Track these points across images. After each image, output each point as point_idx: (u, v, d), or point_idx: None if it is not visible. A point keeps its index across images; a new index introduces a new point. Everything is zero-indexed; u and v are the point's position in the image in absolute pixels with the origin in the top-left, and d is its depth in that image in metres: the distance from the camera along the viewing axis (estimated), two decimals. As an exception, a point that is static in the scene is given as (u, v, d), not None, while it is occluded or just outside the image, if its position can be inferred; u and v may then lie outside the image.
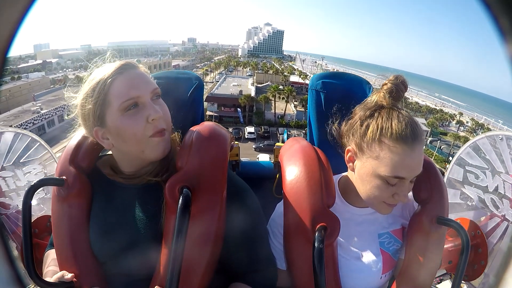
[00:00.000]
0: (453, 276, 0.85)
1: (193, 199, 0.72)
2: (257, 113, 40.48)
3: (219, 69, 76.32)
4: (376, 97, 0.85)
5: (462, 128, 44.37)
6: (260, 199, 0.91)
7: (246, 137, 33.65)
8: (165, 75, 1.11)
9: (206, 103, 37.92)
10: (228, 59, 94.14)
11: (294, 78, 58.82)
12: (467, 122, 46.85)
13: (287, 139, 1.09)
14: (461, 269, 0.81)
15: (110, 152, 0.89)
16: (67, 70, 65.95)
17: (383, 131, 0.78)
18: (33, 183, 0.81)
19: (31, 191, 0.81)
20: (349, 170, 0.90)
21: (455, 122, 46.60)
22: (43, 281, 0.78)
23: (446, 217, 0.88)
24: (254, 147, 31.06)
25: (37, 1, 0.50)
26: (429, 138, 39.04)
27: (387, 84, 0.84)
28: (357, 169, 0.86)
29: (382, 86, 0.85)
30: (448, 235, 1.25)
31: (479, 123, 45.18)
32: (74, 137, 0.93)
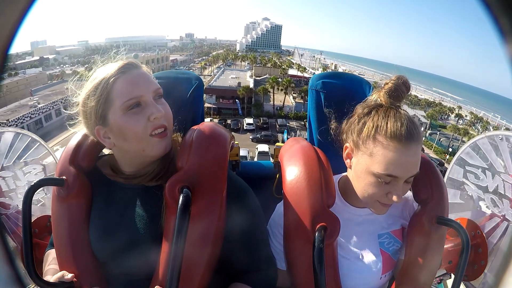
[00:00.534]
0: (453, 276, 0.85)
1: (193, 199, 0.72)
2: (256, 104, 40.39)
3: (217, 63, 75.40)
4: (376, 96, 0.86)
5: (461, 121, 44.16)
6: (260, 199, 0.91)
7: (245, 128, 33.81)
8: (165, 75, 1.11)
9: (204, 95, 37.57)
10: (226, 52, 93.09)
11: (292, 71, 58.38)
12: (466, 116, 46.65)
13: (287, 139, 1.09)
14: (461, 269, 0.81)
15: (109, 151, 0.89)
16: (64, 66, 65.19)
17: (378, 128, 0.78)
18: (33, 183, 0.81)
19: (31, 191, 0.81)
20: (348, 169, 0.90)
21: (454, 115, 46.40)
22: (43, 281, 0.78)
23: (446, 217, 0.88)
24: (251, 137, 31.08)
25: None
26: (428, 131, 39.27)
27: (389, 83, 0.84)
28: (353, 166, 0.86)
29: (383, 85, 0.86)
30: (448, 235, 1.25)
31: (478, 116, 44.94)
32: (74, 137, 0.93)
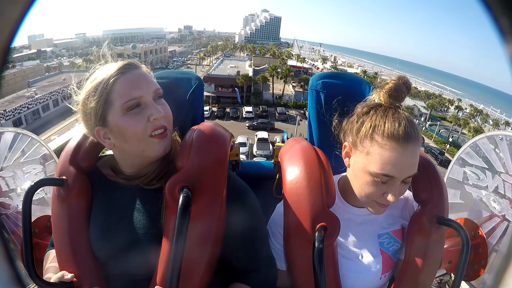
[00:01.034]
0: (453, 276, 0.85)
1: (193, 199, 0.72)
2: (255, 93, 40.36)
3: (216, 54, 74.42)
4: (376, 95, 0.86)
5: (460, 113, 44.14)
6: (260, 199, 0.91)
7: (244, 117, 34.00)
8: (165, 75, 1.11)
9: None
10: (225, 43, 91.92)
11: (292, 62, 57.99)
12: (466, 108, 46.53)
13: (287, 139, 1.09)
14: (461, 269, 0.81)
15: (110, 152, 0.89)
16: (62, 58, 64.59)
17: (376, 128, 0.78)
18: (33, 183, 0.81)
19: (31, 191, 0.81)
20: (347, 168, 0.90)
21: (453, 107, 46.26)
22: (43, 281, 0.78)
23: (446, 217, 0.88)
24: (247, 125, 31.17)
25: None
26: (428, 122, 39.79)
27: (389, 83, 0.84)
28: (351, 165, 0.86)
29: (384, 85, 0.85)
30: (448, 235, 1.25)
31: (478, 109, 44.76)
32: (74, 137, 0.93)
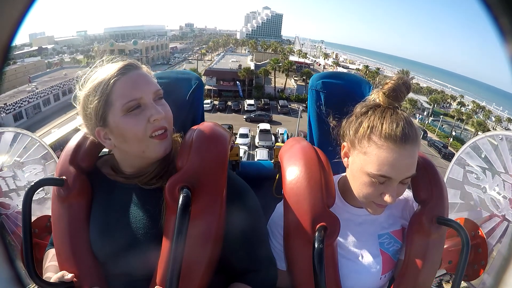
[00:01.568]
0: (453, 276, 0.85)
1: (193, 199, 0.72)
2: (257, 87, 40.34)
3: (217, 51, 73.78)
4: (375, 95, 0.85)
5: (463, 109, 44.34)
6: (260, 199, 0.91)
7: (245, 109, 34.19)
8: (165, 75, 1.11)
9: (204, 77, 37.53)
10: (227, 38, 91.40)
11: (293, 58, 57.73)
12: (468, 105, 46.67)
13: (288, 139, 1.09)
14: (461, 269, 0.81)
15: (108, 150, 0.89)
16: (63, 55, 64.39)
17: (373, 129, 0.78)
18: (33, 183, 0.81)
19: (31, 191, 0.81)
20: (346, 169, 0.90)
21: (455, 103, 46.36)
22: (43, 281, 0.78)
23: (446, 217, 0.88)
24: (245, 117, 31.26)
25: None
26: (430, 118, 40.70)
27: (388, 83, 0.83)
28: (349, 165, 0.86)
29: (383, 85, 0.85)
30: (448, 235, 1.25)
31: (480, 105, 44.87)
32: (74, 137, 0.93)
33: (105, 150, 0.94)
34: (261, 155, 20.14)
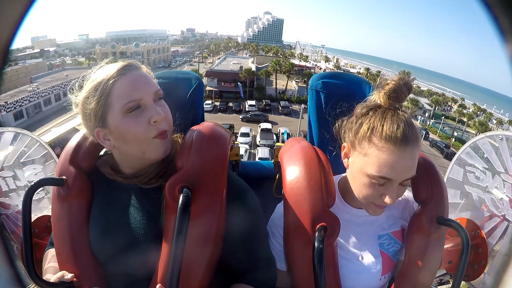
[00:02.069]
0: (453, 276, 0.85)
1: (193, 199, 0.72)
2: (258, 88, 40.63)
3: (219, 55, 73.66)
4: (376, 96, 0.85)
5: (465, 111, 44.77)
6: (260, 199, 0.91)
7: (247, 110, 34.56)
8: (165, 75, 1.11)
9: (205, 78, 37.77)
10: (228, 41, 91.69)
11: (294, 61, 58.10)
12: (469, 107, 47.00)
13: (288, 139, 1.09)
14: (461, 269, 0.81)
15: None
16: (65, 57, 64.53)
17: (374, 130, 0.78)
18: (33, 183, 0.81)
19: (31, 191, 0.81)
20: (346, 169, 0.90)
21: (456, 106, 46.69)
22: (43, 281, 0.78)
23: (446, 217, 0.88)
24: (241, 117, 31.43)
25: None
26: (432, 120, 41.70)
27: (389, 84, 0.82)
28: (350, 165, 0.86)
29: (384, 85, 0.84)
30: (448, 235, 1.25)
31: (481, 108, 45.30)
32: (74, 137, 0.93)
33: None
34: (262, 153, 20.29)
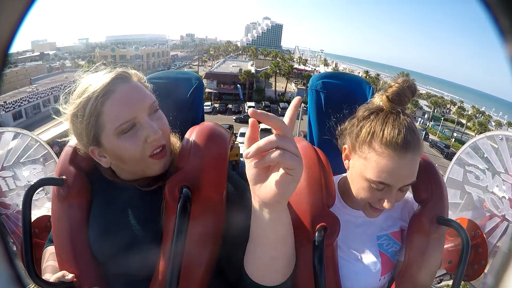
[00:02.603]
0: (453, 276, 0.85)
1: (193, 199, 0.72)
2: (258, 90, 40.88)
3: (218, 60, 74.01)
4: (378, 98, 0.83)
5: (463, 113, 45.32)
6: None
7: (246, 111, 34.67)
8: (165, 75, 1.11)
9: (205, 80, 37.90)
10: (227, 44, 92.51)
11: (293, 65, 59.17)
12: (468, 110, 47.43)
13: None
14: (461, 269, 0.81)
15: None
16: (64, 61, 64.90)
17: (375, 134, 0.77)
18: (33, 183, 0.81)
19: (31, 191, 0.81)
20: (346, 170, 0.90)
21: (455, 108, 47.03)
22: (43, 281, 0.78)
23: (446, 217, 0.88)
24: (234, 118, 31.57)
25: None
26: (431, 122, 42.97)
27: (393, 87, 0.80)
28: (350, 167, 0.86)
29: (387, 88, 0.81)
30: (448, 235, 1.25)
31: (480, 110, 45.83)
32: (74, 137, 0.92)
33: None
34: (262, 151, 20.32)
